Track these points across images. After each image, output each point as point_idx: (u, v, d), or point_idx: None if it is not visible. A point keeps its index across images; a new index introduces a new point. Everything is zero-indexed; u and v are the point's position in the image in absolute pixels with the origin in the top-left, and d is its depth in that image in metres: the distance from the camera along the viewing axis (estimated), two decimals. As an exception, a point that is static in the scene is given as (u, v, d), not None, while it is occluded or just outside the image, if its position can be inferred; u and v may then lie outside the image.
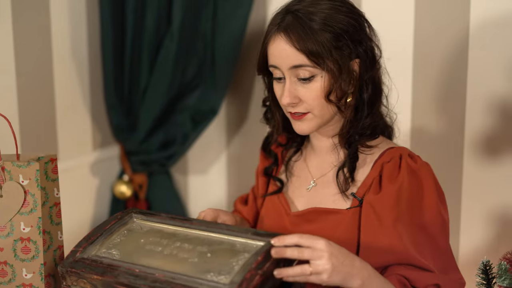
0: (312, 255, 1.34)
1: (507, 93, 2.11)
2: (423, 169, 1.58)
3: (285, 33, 1.54)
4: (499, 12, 2.10)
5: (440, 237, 1.57)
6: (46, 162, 1.54)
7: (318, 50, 1.51)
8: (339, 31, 1.53)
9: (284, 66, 1.55)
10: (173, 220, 1.48)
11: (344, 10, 1.56)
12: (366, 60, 1.57)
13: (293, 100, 1.56)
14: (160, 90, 2.49)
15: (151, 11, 2.45)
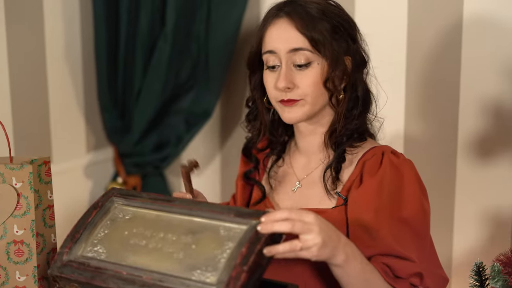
0: (303, 228, 1.31)
1: (499, 95, 2.11)
2: (405, 164, 1.57)
3: (288, 17, 1.55)
4: (491, 15, 2.10)
5: (423, 231, 1.56)
6: (40, 164, 1.54)
7: (320, 36, 1.53)
8: (337, 24, 1.55)
9: (283, 49, 1.55)
10: (155, 202, 1.44)
11: (339, 8, 1.60)
12: (357, 60, 1.59)
13: (289, 85, 1.55)
14: (154, 92, 2.49)
15: (145, 12, 2.45)
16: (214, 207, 1.39)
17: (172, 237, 1.37)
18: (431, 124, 2.24)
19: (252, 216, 1.33)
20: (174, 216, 1.41)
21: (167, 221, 1.41)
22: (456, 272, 2.26)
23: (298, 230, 1.31)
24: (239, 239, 1.31)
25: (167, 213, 1.43)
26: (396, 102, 2.27)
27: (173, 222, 1.40)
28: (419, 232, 1.55)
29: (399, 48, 2.25)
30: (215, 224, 1.36)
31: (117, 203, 1.49)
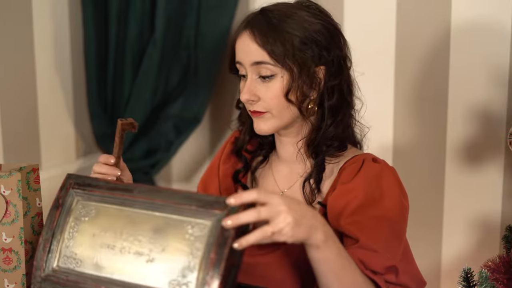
0: (270, 212, 1.25)
1: (488, 101, 2.13)
2: (385, 169, 1.57)
3: (250, 30, 1.55)
4: (480, 21, 2.11)
5: (400, 232, 1.55)
6: (28, 172, 1.54)
7: (280, 49, 1.51)
8: (307, 36, 1.54)
9: (247, 62, 1.56)
10: (114, 194, 1.41)
11: (318, 18, 1.58)
12: (331, 69, 1.57)
13: (251, 98, 1.55)
14: (143, 98, 2.49)
15: (134, 19, 2.45)
16: (174, 198, 1.35)
17: (139, 236, 1.36)
18: (420, 131, 2.25)
19: (215, 207, 1.29)
20: (137, 212, 1.38)
21: (132, 218, 1.38)
22: (445, 278, 2.27)
23: (265, 216, 1.25)
24: (206, 240, 1.28)
25: (129, 207, 1.39)
26: (385, 109, 2.28)
27: (137, 219, 1.37)
28: (396, 232, 1.53)
29: (387, 56, 2.26)
30: (179, 220, 1.33)
31: (77, 198, 1.45)
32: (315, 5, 1.62)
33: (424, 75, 2.22)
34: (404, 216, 1.56)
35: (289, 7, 1.58)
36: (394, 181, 1.56)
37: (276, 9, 1.57)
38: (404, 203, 1.55)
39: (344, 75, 1.59)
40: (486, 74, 2.12)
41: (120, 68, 2.53)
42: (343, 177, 1.56)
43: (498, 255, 1.66)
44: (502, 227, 2.14)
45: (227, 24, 2.42)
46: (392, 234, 1.52)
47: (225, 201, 1.27)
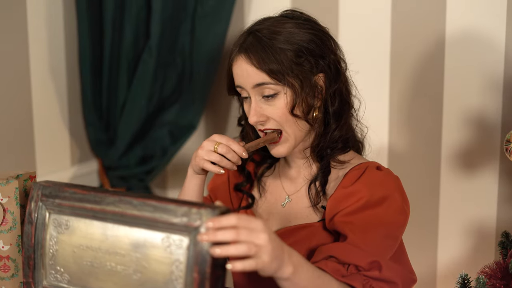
0: (250, 235, 1.23)
1: (482, 107, 2.13)
2: (387, 175, 1.59)
3: (245, 54, 1.57)
4: (474, 28, 2.12)
5: (395, 234, 1.55)
6: (25, 179, 1.54)
7: (278, 67, 1.54)
8: (300, 48, 1.56)
9: (248, 86, 1.58)
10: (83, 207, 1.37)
11: (306, 27, 1.60)
12: (330, 74, 1.60)
13: (260, 118, 1.59)
14: (139, 104, 2.49)
15: (129, 25, 2.45)
16: (145, 209, 1.32)
17: (121, 252, 1.35)
18: (415, 137, 2.26)
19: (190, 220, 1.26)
20: (111, 227, 1.36)
21: (107, 233, 1.35)
22: (441, 283, 2.27)
23: (244, 238, 1.23)
24: (186, 258, 1.27)
25: (101, 221, 1.36)
26: (380, 115, 2.29)
27: (113, 235, 1.35)
28: (391, 234, 1.54)
29: (382, 63, 2.26)
30: (156, 236, 1.30)
31: (48, 211, 1.42)
32: (300, 14, 1.64)
33: (419, 82, 2.23)
34: (403, 221, 1.57)
35: (275, 23, 1.60)
36: (396, 188, 1.57)
37: (264, 27, 1.59)
38: (405, 209, 1.57)
39: (342, 78, 1.63)
40: (480, 80, 2.13)
41: (115, 75, 2.53)
42: (344, 181, 1.59)
43: (494, 261, 1.67)
44: (497, 232, 2.15)
45: (222, 31, 2.43)
46: (385, 235, 1.53)
47: (202, 216, 1.24)
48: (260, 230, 1.25)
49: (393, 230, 1.55)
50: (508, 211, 2.13)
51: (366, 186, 1.55)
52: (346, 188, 1.56)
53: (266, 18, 1.63)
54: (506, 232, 1.87)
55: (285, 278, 1.31)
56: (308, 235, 1.61)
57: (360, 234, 1.50)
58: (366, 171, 1.58)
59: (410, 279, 1.59)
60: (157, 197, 1.34)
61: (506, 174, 2.12)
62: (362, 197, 1.53)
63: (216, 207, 1.26)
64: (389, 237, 1.54)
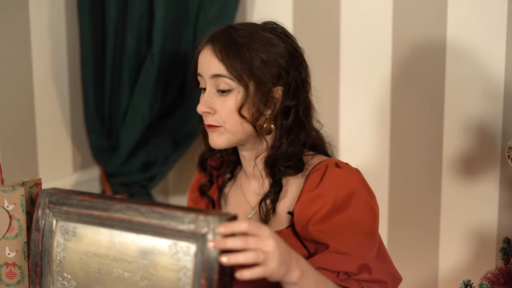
0: (258, 243, 1.25)
1: (483, 114, 2.15)
2: (349, 173, 1.58)
3: (212, 44, 1.59)
4: (475, 35, 2.14)
5: (372, 231, 1.56)
6: (31, 186, 1.55)
7: (238, 64, 1.55)
8: (269, 57, 1.57)
9: (206, 74, 1.59)
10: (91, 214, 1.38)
11: (283, 41, 1.61)
12: (289, 90, 1.59)
13: (207, 110, 1.59)
14: (141, 112, 2.50)
15: (131, 33, 2.46)
16: (153, 217, 1.33)
17: (128, 259, 1.35)
18: (416, 144, 2.27)
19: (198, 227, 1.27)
20: (118, 233, 1.36)
21: (115, 240, 1.36)
22: (442, 289, 2.28)
23: (253, 246, 1.25)
24: (193, 265, 1.28)
25: (109, 228, 1.37)
26: (382, 122, 2.30)
27: (120, 241, 1.36)
28: (367, 231, 1.54)
29: (384, 69, 2.28)
30: (163, 243, 1.31)
31: (55, 218, 1.43)
32: (282, 29, 1.65)
33: (420, 88, 2.24)
34: (374, 215, 1.57)
35: (255, 28, 1.61)
36: (360, 183, 1.57)
37: (242, 28, 1.61)
38: (371, 203, 1.57)
39: (301, 97, 1.62)
40: (481, 87, 2.14)
41: (118, 82, 2.54)
42: (307, 185, 1.58)
43: (497, 266, 1.68)
44: (498, 238, 2.16)
45: (224, 38, 2.44)
46: (363, 234, 1.54)
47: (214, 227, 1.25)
48: (268, 237, 1.27)
49: (368, 227, 1.55)
50: (509, 217, 2.14)
51: (330, 187, 1.54)
52: (311, 192, 1.56)
53: (248, 23, 1.65)
54: (507, 238, 1.88)
55: (292, 283, 1.33)
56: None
57: (339, 239, 1.50)
58: (327, 171, 1.58)
59: (396, 278, 1.59)
60: (165, 204, 1.35)
61: (507, 180, 2.13)
62: (328, 200, 1.53)
63: (224, 214, 1.27)
64: (366, 235, 1.54)
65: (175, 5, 2.41)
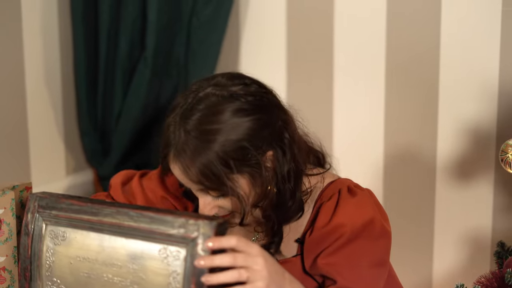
0: (247, 261, 1.22)
1: (478, 117, 2.14)
2: (364, 199, 1.49)
3: (180, 163, 1.40)
4: (469, 37, 2.13)
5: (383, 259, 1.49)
6: (21, 190, 1.54)
7: (215, 178, 1.37)
8: (240, 142, 1.38)
9: (191, 189, 1.45)
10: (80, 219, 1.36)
11: (248, 110, 1.40)
12: (281, 150, 1.43)
13: (213, 211, 1.45)
14: (134, 115, 2.49)
15: (124, 36, 2.45)
16: (142, 221, 1.30)
17: (118, 264, 1.35)
18: (410, 147, 2.26)
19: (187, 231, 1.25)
20: (108, 238, 1.35)
21: (105, 246, 1.35)
22: (436, 293, 2.28)
23: (241, 263, 1.22)
24: (183, 269, 1.27)
25: (98, 232, 1.35)
26: (375, 125, 2.29)
27: (110, 246, 1.34)
28: (378, 260, 1.47)
29: (377, 72, 2.27)
30: (153, 247, 1.30)
31: (45, 222, 1.41)
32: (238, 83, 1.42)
33: (414, 91, 2.23)
34: (387, 241, 1.50)
35: (211, 115, 1.38)
36: (374, 208, 1.49)
37: (197, 125, 1.38)
38: (385, 227, 1.49)
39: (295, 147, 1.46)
40: (475, 89, 2.13)
41: (111, 85, 2.53)
42: (320, 219, 1.47)
43: (490, 271, 1.67)
44: (493, 242, 2.15)
45: (217, 41, 2.43)
46: (374, 265, 1.46)
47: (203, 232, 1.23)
48: (257, 255, 1.24)
49: (381, 255, 1.48)
50: (503, 220, 2.14)
51: (345, 219, 1.44)
52: (325, 227, 1.45)
53: (199, 99, 1.41)
54: (501, 242, 1.88)
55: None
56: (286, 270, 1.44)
57: (349, 273, 1.42)
58: (340, 201, 1.47)
59: None
60: (154, 208, 1.34)
61: (501, 184, 2.12)
62: (343, 233, 1.43)
63: (214, 218, 1.26)
64: (378, 265, 1.47)
65: (168, 8, 2.41)
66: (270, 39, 2.44)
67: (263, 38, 2.47)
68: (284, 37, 2.41)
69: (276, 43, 2.43)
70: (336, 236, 1.44)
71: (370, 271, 1.45)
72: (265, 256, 1.25)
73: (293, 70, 2.41)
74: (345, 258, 1.44)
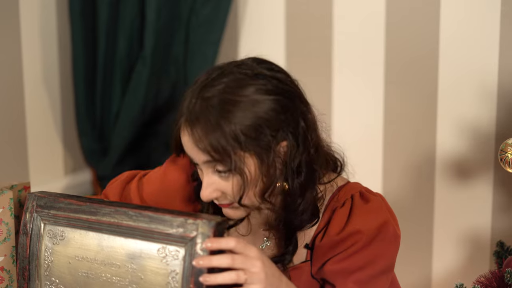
0: (245, 263, 1.22)
1: (477, 117, 2.14)
2: (376, 205, 1.47)
3: (189, 129, 1.36)
4: (468, 37, 2.13)
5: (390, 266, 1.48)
6: (20, 190, 1.53)
7: (225, 149, 1.33)
8: (257, 121, 1.35)
9: (197, 160, 1.38)
10: (79, 218, 1.36)
11: (270, 90, 1.38)
12: (295, 142, 1.39)
13: (213, 194, 1.39)
14: (132, 114, 2.49)
15: (123, 35, 2.45)
16: (141, 220, 1.30)
17: (116, 264, 1.34)
18: (410, 147, 2.26)
19: (186, 231, 1.25)
20: (106, 237, 1.35)
21: (103, 244, 1.35)
22: (436, 293, 2.28)
23: (239, 265, 1.22)
24: (182, 269, 1.27)
25: (97, 232, 1.35)
26: (374, 126, 2.29)
27: (109, 246, 1.34)
28: (387, 267, 1.46)
29: (376, 73, 2.27)
30: (151, 247, 1.30)
31: (43, 222, 1.41)
32: (264, 67, 1.42)
33: (413, 91, 2.23)
34: (396, 247, 1.48)
35: (232, 88, 1.36)
36: (386, 214, 1.47)
37: (218, 94, 1.35)
38: (396, 232, 1.47)
39: (311, 142, 1.42)
40: (474, 89, 2.13)
41: (109, 85, 2.53)
42: (333, 224, 1.45)
43: (490, 270, 1.67)
44: (492, 242, 2.15)
45: (216, 40, 2.43)
46: (383, 271, 1.45)
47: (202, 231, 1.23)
48: (255, 257, 1.23)
49: (392, 260, 1.47)
50: (502, 220, 2.14)
51: (360, 225, 1.42)
52: (338, 235, 1.43)
53: (222, 75, 1.39)
54: (501, 242, 1.87)
55: None
56: (294, 277, 1.47)
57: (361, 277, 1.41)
58: (354, 208, 1.45)
59: None
60: (153, 208, 1.34)
61: (500, 184, 2.12)
62: (358, 239, 1.41)
63: (213, 218, 1.27)
64: (386, 271, 1.45)
65: (167, 7, 2.40)
66: (269, 39, 2.44)
67: (262, 37, 2.46)
68: (282, 36, 2.41)
69: (274, 42, 2.43)
70: (351, 242, 1.41)
71: (381, 276, 1.44)
72: (263, 259, 1.25)
73: (292, 69, 2.39)
74: (356, 263, 1.42)
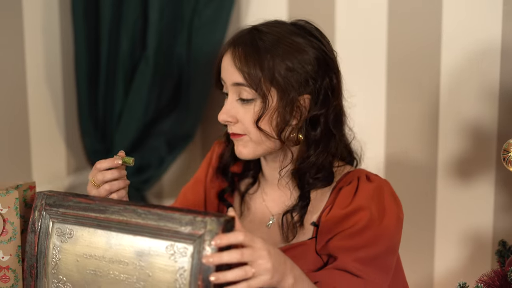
0: (253, 256, 1.25)
1: (478, 116, 2.15)
2: (382, 186, 1.54)
3: (233, 49, 1.51)
4: (470, 37, 2.14)
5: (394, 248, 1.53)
6: (25, 189, 1.54)
7: (258, 73, 1.47)
8: (295, 64, 1.49)
9: (228, 81, 1.52)
10: (87, 216, 1.38)
11: (313, 45, 1.52)
12: (317, 98, 1.51)
13: (229, 119, 1.52)
14: (135, 114, 2.49)
15: (126, 35, 2.45)
16: (150, 218, 1.33)
17: (125, 261, 1.35)
18: (411, 146, 2.26)
19: (194, 228, 1.27)
20: (114, 235, 1.36)
21: (111, 242, 1.36)
22: (438, 292, 2.28)
23: (247, 258, 1.25)
24: (190, 266, 1.28)
25: (106, 230, 1.37)
26: (376, 125, 2.30)
27: (118, 243, 1.36)
28: (391, 247, 1.51)
29: (378, 72, 2.27)
30: (160, 244, 1.31)
31: (52, 220, 1.43)
32: (314, 30, 1.56)
33: (415, 91, 2.24)
34: (400, 229, 1.55)
35: (284, 32, 1.52)
36: (391, 197, 1.54)
37: (269, 31, 1.51)
38: (400, 216, 1.54)
39: (330, 106, 1.53)
40: (476, 89, 2.14)
41: (112, 85, 2.53)
42: (340, 200, 1.53)
43: (492, 269, 1.68)
44: (494, 241, 2.16)
45: (219, 40, 2.43)
46: (387, 252, 1.50)
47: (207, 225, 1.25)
48: (261, 248, 1.27)
49: (394, 243, 1.52)
50: (504, 219, 2.14)
51: (365, 202, 1.49)
52: (344, 209, 1.50)
53: (277, 23, 1.54)
54: (503, 241, 1.88)
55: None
56: (300, 254, 1.53)
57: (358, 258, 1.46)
58: (359, 186, 1.52)
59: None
60: (162, 206, 1.36)
61: (502, 183, 2.13)
62: (362, 217, 1.48)
63: (221, 215, 1.27)
64: (389, 253, 1.51)
65: (169, 7, 2.41)
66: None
67: (264, 37, 2.46)
68: (285, 36, 2.41)
69: (277, 42, 2.43)
70: (355, 220, 1.48)
71: (384, 256, 1.49)
72: (268, 248, 1.28)
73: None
74: (362, 243, 1.47)
